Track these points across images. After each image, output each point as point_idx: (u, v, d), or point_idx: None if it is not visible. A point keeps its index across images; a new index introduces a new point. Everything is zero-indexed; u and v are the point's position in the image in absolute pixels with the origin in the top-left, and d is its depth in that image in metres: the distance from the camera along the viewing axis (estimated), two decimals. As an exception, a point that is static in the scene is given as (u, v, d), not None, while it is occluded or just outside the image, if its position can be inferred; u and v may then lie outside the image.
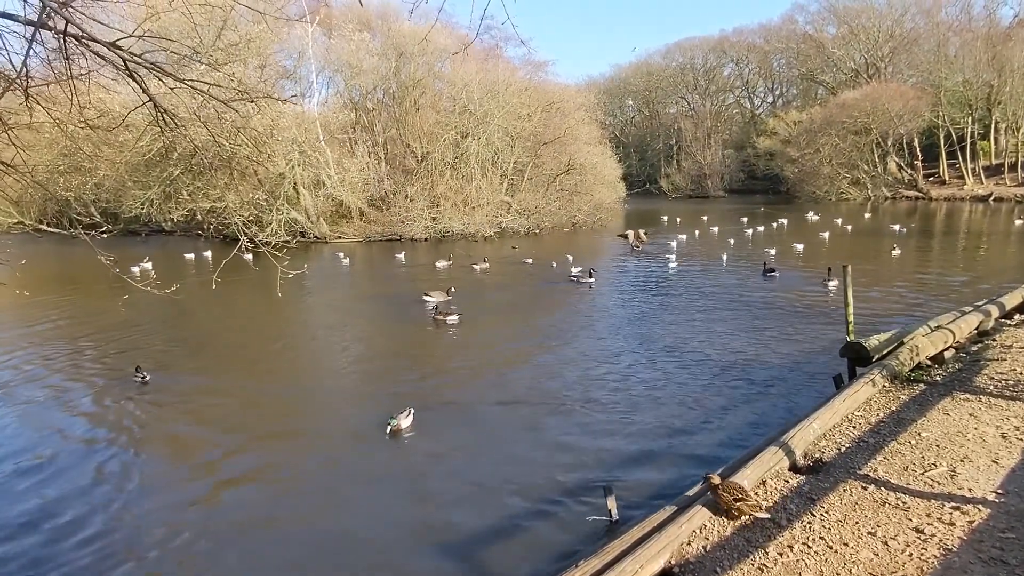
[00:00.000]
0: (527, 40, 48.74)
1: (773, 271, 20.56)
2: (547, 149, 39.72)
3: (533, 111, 39.03)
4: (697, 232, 33.13)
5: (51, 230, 37.79)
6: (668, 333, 13.84)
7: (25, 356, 13.40)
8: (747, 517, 5.34)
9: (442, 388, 11.00)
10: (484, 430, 9.07)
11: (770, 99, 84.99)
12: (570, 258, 23.66)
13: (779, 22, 77.16)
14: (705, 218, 41.61)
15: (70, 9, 4.43)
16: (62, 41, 4.09)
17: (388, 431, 8.69)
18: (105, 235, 35.63)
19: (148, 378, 11.33)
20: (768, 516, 5.34)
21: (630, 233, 30.84)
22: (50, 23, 4.04)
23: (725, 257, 24.12)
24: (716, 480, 5.45)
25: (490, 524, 6.50)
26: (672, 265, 22.67)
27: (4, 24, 4.31)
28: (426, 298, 17.17)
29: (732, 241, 28.55)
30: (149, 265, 24.42)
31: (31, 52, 4.25)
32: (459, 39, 37.95)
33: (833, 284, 17.89)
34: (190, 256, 27.98)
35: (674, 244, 28.18)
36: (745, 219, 38.67)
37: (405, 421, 8.88)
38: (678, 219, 43.09)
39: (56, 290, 21.08)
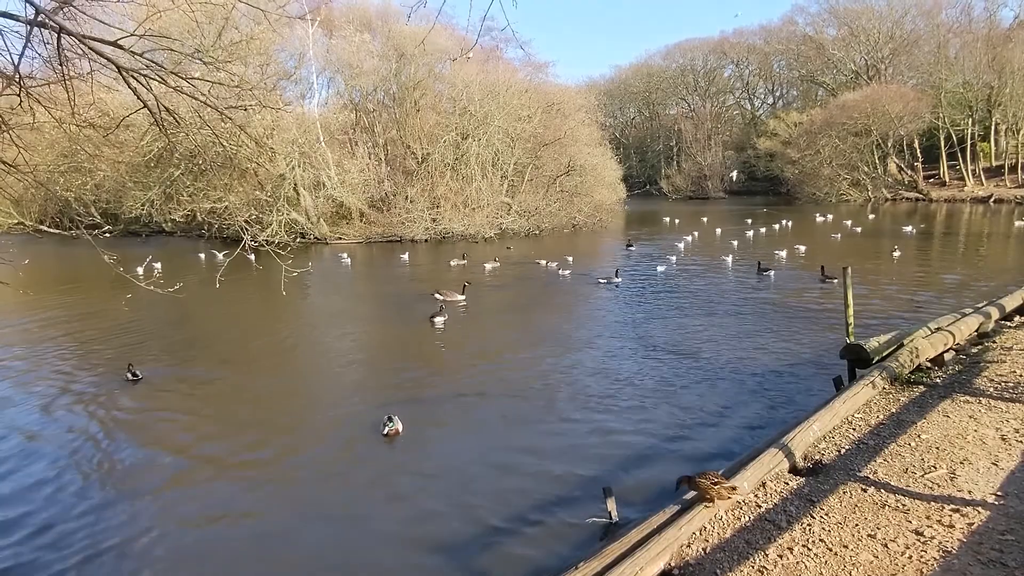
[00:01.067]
0: (526, 43, 48.93)
1: (768, 270, 20.74)
2: (547, 150, 39.71)
3: (533, 112, 39.03)
4: (697, 233, 33.06)
5: (51, 231, 37.79)
6: (668, 334, 13.82)
7: (26, 353, 13.41)
8: (730, 501, 5.48)
9: (440, 386, 10.99)
10: (482, 430, 9.05)
11: (770, 100, 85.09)
12: (570, 259, 23.77)
13: (779, 23, 77.17)
14: (705, 219, 41.60)
15: (71, 8, 4.44)
16: (58, 41, 4.09)
17: (385, 432, 8.61)
18: (107, 235, 35.75)
19: (140, 377, 11.33)
20: (742, 497, 5.51)
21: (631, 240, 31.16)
22: (50, 23, 4.04)
23: (730, 259, 23.88)
24: (688, 474, 5.64)
25: (487, 525, 6.48)
26: (660, 269, 22.19)
27: (4, 24, 4.31)
28: (437, 296, 17.11)
29: (736, 243, 28.37)
30: (158, 265, 24.52)
31: (32, 52, 4.27)
32: (459, 41, 37.94)
33: (835, 280, 18.31)
34: (201, 256, 28.08)
35: (681, 246, 28.26)
36: (749, 220, 38.52)
37: (400, 425, 8.75)
38: (676, 220, 43.31)
39: (58, 290, 21.07)
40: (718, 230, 34.99)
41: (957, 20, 60.98)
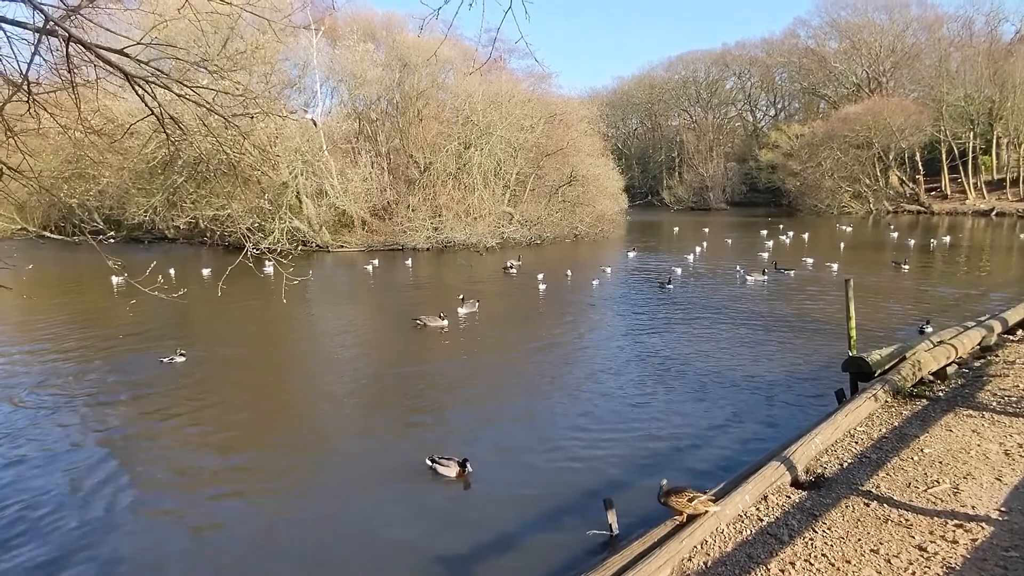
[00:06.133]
0: (535, 52, 49.10)
1: (747, 277, 22.02)
2: (549, 160, 39.86)
3: (536, 122, 39.18)
4: (706, 243, 33.04)
5: (54, 236, 37.84)
6: (671, 344, 13.77)
7: (26, 354, 13.40)
8: (714, 517, 5.44)
9: (438, 394, 10.98)
10: (480, 441, 9.00)
11: (772, 112, 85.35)
12: (569, 273, 23.82)
13: (781, 36, 77.65)
14: (707, 230, 41.64)
15: (79, 17, 4.47)
16: (67, 49, 4.11)
17: (453, 476, 7.67)
18: (110, 242, 35.82)
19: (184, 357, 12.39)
20: (717, 510, 5.45)
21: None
22: (59, 31, 4.06)
23: (741, 270, 23.42)
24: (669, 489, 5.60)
25: (487, 537, 6.44)
26: (670, 286, 21.07)
27: (12, 31, 4.34)
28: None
29: (764, 255, 28.21)
30: (172, 271, 24.66)
31: (39, 59, 4.29)
32: (463, 51, 38.27)
33: (791, 272, 21.96)
34: (202, 266, 28.13)
35: (690, 258, 28.34)
36: (764, 231, 38.57)
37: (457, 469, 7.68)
38: (675, 229, 43.54)
39: (61, 295, 21.12)
40: (728, 240, 35.14)
41: (958, 34, 61.48)
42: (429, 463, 7.78)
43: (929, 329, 13.25)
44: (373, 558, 6.23)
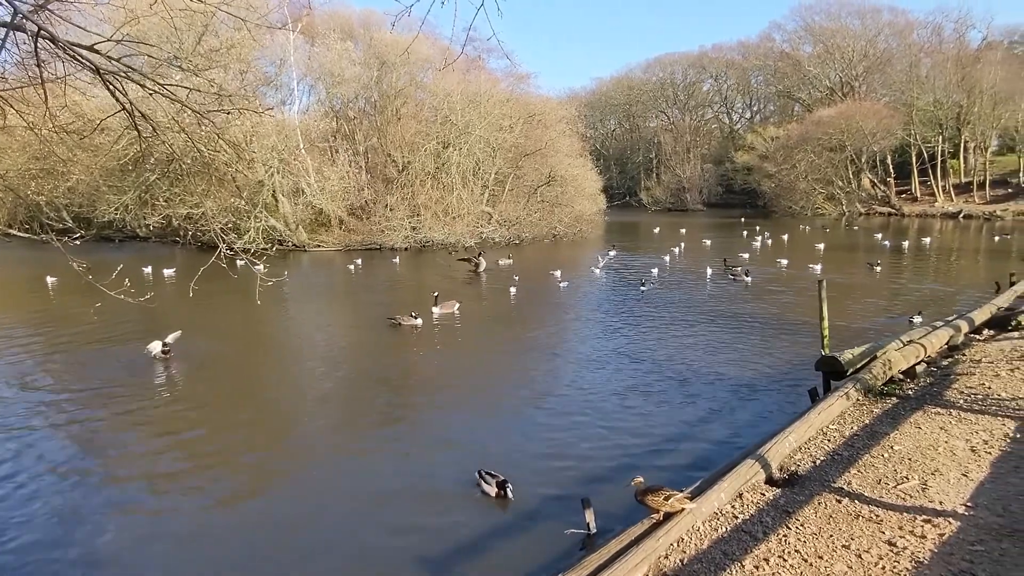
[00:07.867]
0: (511, 53, 49.14)
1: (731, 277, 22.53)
2: (528, 160, 39.94)
3: (515, 123, 39.25)
4: (683, 244, 33.32)
5: (21, 235, 36.97)
6: (649, 345, 13.88)
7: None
8: (691, 515, 5.50)
9: (418, 392, 10.94)
10: (456, 440, 8.98)
11: (748, 115, 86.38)
12: (559, 273, 23.84)
13: (757, 40, 78.56)
14: (684, 231, 42.05)
15: (47, 12, 4.37)
16: (35, 44, 4.03)
17: (493, 495, 7.20)
18: (78, 242, 35.03)
19: (169, 349, 12.44)
20: (693, 507, 5.52)
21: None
22: (26, 25, 3.97)
23: (710, 270, 23.86)
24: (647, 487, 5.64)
25: (464, 536, 6.44)
26: (643, 288, 21.35)
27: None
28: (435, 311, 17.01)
29: (746, 255, 28.47)
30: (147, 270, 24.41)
31: (4, 55, 4.19)
32: (441, 50, 38.11)
33: (739, 269, 22.56)
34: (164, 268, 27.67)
35: (667, 259, 28.42)
36: (745, 233, 39.12)
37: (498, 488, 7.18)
38: (655, 230, 44.00)
39: (24, 296, 20.63)
40: (707, 241, 35.55)
41: (928, 40, 62.92)
42: (478, 477, 7.42)
43: (919, 320, 13.97)
44: (339, 550, 6.19)
